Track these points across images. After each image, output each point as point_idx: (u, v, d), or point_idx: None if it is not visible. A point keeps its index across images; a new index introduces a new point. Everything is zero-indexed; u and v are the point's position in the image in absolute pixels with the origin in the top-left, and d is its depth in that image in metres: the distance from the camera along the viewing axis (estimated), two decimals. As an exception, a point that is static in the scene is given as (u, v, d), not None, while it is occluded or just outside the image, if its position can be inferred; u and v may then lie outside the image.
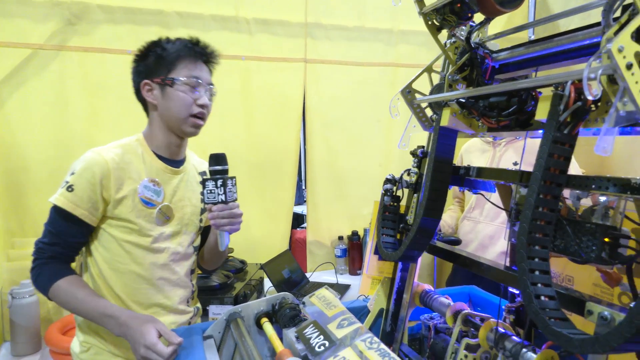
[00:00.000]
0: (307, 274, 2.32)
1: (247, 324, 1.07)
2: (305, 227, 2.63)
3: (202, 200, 1.16)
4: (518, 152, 1.82)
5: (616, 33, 0.51)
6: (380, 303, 1.10)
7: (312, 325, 0.94)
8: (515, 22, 2.28)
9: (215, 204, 1.13)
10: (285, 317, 1.03)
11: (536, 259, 0.63)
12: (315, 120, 2.46)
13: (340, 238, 2.50)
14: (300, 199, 3.60)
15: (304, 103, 2.42)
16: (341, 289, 2.15)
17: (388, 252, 0.99)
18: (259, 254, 2.28)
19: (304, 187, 3.42)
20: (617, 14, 0.55)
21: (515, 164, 0.82)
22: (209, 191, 1.12)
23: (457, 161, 2.08)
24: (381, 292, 1.11)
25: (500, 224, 1.86)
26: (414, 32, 2.50)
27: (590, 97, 0.50)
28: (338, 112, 2.49)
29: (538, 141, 0.66)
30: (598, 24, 0.61)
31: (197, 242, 1.34)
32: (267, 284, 2.14)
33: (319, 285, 2.10)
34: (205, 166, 1.34)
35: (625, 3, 0.55)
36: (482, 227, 1.93)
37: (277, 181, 2.42)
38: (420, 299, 1.06)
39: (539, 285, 0.61)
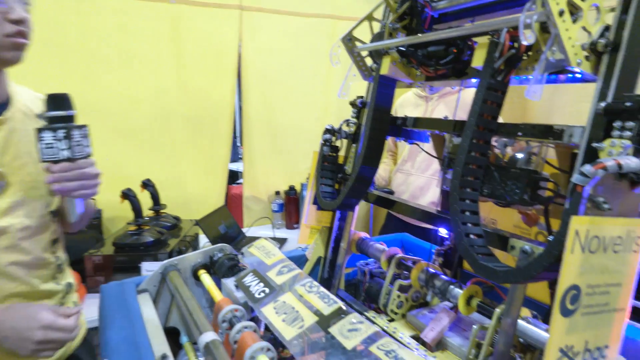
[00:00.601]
0: (244, 229, 2.31)
1: (183, 276, 1.05)
2: (241, 183, 2.59)
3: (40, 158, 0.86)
4: (449, 106, 1.90)
5: (550, -20, 0.53)
6: (318, 251, 1.13)
7: (251, 273, 0.95)
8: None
9: (56, 162, 0.85)
10: (223, 267, 1.02)
11: (467, 201, 0.67)
12: (251, 72, 2.38)
13: (277, 193, 2.51)
14: (234, 156, 3.52)
15: (239, 54, 2.32)
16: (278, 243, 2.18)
17: (327, 201, 1.00)
18: (193, 210, 2.22)
19: (238, 144, 3.34)
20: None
21: (445, 117, 0.85)
22: (46, 145, 0.84)
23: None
24: (319, 241, 1.13)
25: (430, 176, 1.96)
26: (353, -18, 2.45)
27: (525, 42, 0.52)
28: (275, 64, 2.42)
29: (468, 96, 0.69)
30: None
31: (55, 204, 1.05)
32: (203, 240, 2.10)
33: (255, 239, 2.11)
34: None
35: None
36: (413, 179, 2.01)
37: (212, 136, 2.33)
38: (356, 246, 1.10)
39: (469, 224, 0.65)
